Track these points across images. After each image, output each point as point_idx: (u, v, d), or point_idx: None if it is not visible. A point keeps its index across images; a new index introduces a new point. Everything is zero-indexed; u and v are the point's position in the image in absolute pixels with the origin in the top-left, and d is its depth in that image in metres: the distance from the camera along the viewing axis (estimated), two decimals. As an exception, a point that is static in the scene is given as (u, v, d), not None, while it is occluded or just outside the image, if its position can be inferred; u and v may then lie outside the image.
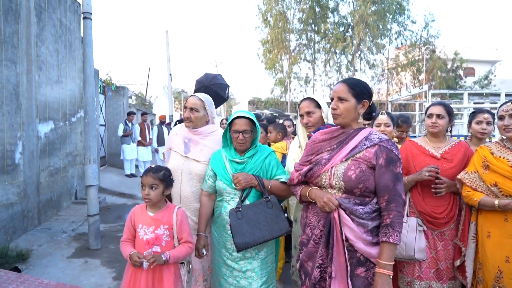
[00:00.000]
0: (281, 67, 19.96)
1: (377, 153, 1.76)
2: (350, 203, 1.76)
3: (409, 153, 2.52)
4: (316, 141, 1.94)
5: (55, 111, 5.67)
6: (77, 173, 6.74)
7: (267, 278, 2.18)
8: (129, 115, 9.74)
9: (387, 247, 1.69)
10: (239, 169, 2.21)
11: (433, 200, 2.37)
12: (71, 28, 6.44)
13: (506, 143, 2.32)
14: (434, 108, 2.50)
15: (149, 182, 2.06)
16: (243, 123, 2.17)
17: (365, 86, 1.87)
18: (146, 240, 2.05)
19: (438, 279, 2.36)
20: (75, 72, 6.59)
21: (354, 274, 1.76)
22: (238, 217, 2.11)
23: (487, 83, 20.76)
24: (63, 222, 5.31)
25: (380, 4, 18.29)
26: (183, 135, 2.47)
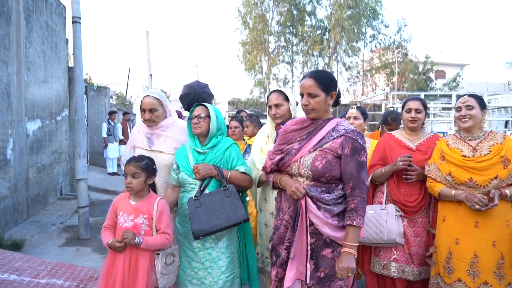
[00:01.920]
0: (261, 68, 20.38)
1: (343, 143, 1.83)
2: (317, 192, 1.84)
3: (387, 145, 2.65)
4: (287, 130, 2.00)
5: (42, 110, 5.90)
6: (62, 170, 6.95)
7: (226, 268, 2.20)
8: (111, 114, 9.94)
9: (352, 230, 1.79)
10: (200, 160, 2.28)
11: (406, 189, 2.52)
12: (57, 30, 6.65)
13: (462, 134, 2.44)
14: (412, 103, 2.59)
15: (131, 171, 2.10)
16: (199, 109, 2.31)
17: (331, 78, 1.92)
18: (125, 227, 2.08)
19: (410, 263, 2.51)
20: (60, 72, 6.81)
21: (320, 255, 1.87)
22: (197, 205, 2.15)
23: (456, 85, 21.86)
24: (51, 216, 5.54)
25: (355, 9, 19.01)
26: (145, 131, 2.52)
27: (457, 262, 2.27)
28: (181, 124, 2.56)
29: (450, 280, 2.28)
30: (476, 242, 2.25)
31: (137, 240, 2.02)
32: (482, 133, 2.38)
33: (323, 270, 1.85)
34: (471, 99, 2.36)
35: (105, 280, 2.05)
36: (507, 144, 2.29)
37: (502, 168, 2.23)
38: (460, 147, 2.37)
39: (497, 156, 2.24)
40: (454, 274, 2.27)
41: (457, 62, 27.67)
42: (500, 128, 7.99)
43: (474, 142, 2.35)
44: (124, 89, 17.88)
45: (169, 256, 2.14)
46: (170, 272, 2.16)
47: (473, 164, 2.27)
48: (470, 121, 2.35)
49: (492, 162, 2.24)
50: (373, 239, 2.46)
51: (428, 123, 10.94)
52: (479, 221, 2.25)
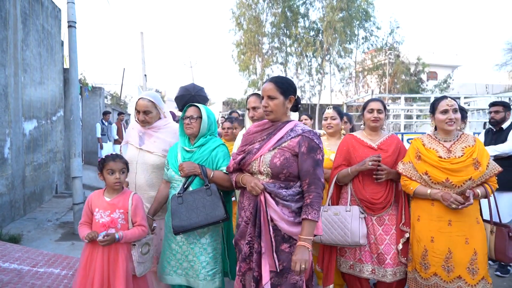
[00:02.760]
0: (255, 69, 20.60)
1: (300, 142, 1.94)
2: (275, 187, 1.93)
3: (350, 146, 2.69)
4: (250, 133, 2.13)
5: (38, 110, 6.08)
6: (57, 169, 7.13)
7: (207, 264, 2.27)
8: (105, 115, 10.12)
9: (307, 224, 1.87)
10: (187, 158, 2.35)
11: (372, 187, 2.56)
12: (52, 32, 6.83)
13: (437, 135, 2.50)
14: (374, 104, 2.65)
15: (119, 167, 2.20)
16: (191, 109, 2.38)
17: (290, 83, 2.04)
18: (102, 223, 2.16)
19: (380, 264, 2.52)
20: (55, 74, 6.99)
21: (279, 250, 1.95)
22: (179, 202, 2.22)
23: (446, 86, 22.22)
24: (46, 213, 5.73)
25: (347, 11, 19.29)
26: (138, 129, 2.62)
27: (433, 258, 2.36)
28: (173, 127, 2.64)
29: (426, 275, 2.37)
30: (450, 239, 2.34)
31: (117, 236, 2.12)
32: (455, 135, 2.46)
33: (281, 263, 1.94)
34: (455, 103, 2.41)
35: (84, 272, 2.13)
36: (478, 147, 2.38)
37: (473, 169, 2.32)
38: (435, 148, 2.43)
39: (470, 158, 2.32)
40: (430, 269, 2.36)
41: (448, 64, 28.00)
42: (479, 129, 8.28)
43: (448, 144, 2.42)
44: (119, 89, 18.04)
45: (144, 245, 2.25)
46: (146, 260, 2.27)
47: (449, 165, 2.34)
48: (455, 124, 2.39)
49: (465, 164, 2.32)
50: (338, 241, 2.50)
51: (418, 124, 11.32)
52: (452, 220, 2.34)
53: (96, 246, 2.13)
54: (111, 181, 2.19)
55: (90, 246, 2.15)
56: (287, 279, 1.94)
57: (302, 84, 20.94)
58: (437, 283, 2.34)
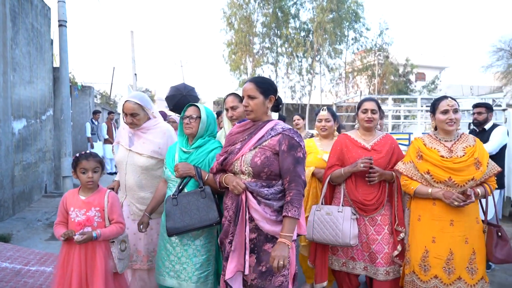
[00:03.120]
0: (245, 69, 20.65)
1: (280, 140, 1.95)
2: (257, 186, 1.94)
3: (343, 146, 2.69)
4: (232, 133, 2.14)
5: (28, 109, 6.04)
6: (46, 168, 7.08)
7: (201, 266, 2.27)
8: (94, 114, 10.07)
9: (287, 221, 1.86)
10: (184, 159, 2.34)
11: (364, 188, 2.57)
12: (42, 31, 6.78)
13: (438, 135, 2.48)
14: (368, 104, 2.63)
15: (92, 165, 2.18)
16: (191, 109, 2.37)
17: (270, 83, 2.06)
18: (78, 221, 2.15)
19: (372, 262, 2.55)
20: (45, 72, 6.93)
21: (262, 250, 1.95)
22: (174, 203, 2.22)
23: (434, 87, 22.59)
24: (36, 213, 5.70)
25: (337, 12, 19.47)
26: (128, 129, 2.60)
27: (434, 260, 2.31)
28: (163, 127, 2.63)
29: (426, 277, 2.32)
30: (452, 239, 2.31)
31: (94, 235, 2.11)
32: (456, 135, 2.45)
33: (265, 265, 1.92)
34: (456, 102, 2.40)
35: (62, 271, 2.12)
36: (478, 147, 2.39)
37: (475, 169, 2.32)
38: (436, 147, 2.41)
39: (471, 158, 2.33)
40: (430, 271, 2.31)
41: (436, 65, 28.49)
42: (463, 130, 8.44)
43: (449, 143, 2.41)
44: (108, 88, 17.91)
45: (122, 242, 2.25)
46: (125, 257, 2.28)
47: (451, 164, 2.33)
48: (455, 125, 2.39)
49: (467, 163, 2.32)
50: (329, 241, 2.53)
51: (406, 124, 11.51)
52: (454, 220, 2.32)
53: (73, 245, 2.11)
54: (84, 180, 2.18)
55: (67, 245, 2.13)
56: (271, 281, 1.92)
57: (293, 84, 21.06)
58: (436, 286, 2.31)
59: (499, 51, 20.33)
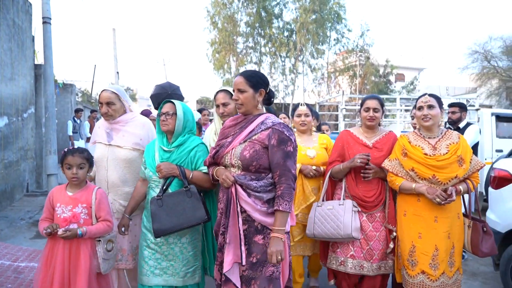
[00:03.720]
0: (229, 68, 20.71)
1: (270, 135, 1.96)
2: (246, 179, 1.95)
3: (345, 142, 2.70)
4: (225, 127, 2.16)
5: (9, 107, 5.95)
6: (28, 167, 6.97)
7: (188, 262, 2.28)
8: (77, 112, 9.92)
9: (279, 215, 1.89)
10: (165, 158, 2.29)
11: (364, 185, 2.58)
12: (23, 27, 6.67)
13: (422, 132, 2.51)
14: (370, 102, 2.62)
15: (77, 161, 2.14)
16: (167, 106, 2.33)
17: (260, 77, 2.06)
18: (64, 218, 2.10)
19: (368, 259, 2.54)
20: (26, 69, 6.83)
21: (252, 241, 1.96)
22: (159, 204, 2.18)
23: (413, 88, 23.22)
24: (18, 212, 5.63)
25: (320, 13, 19.77)
26: (105, 126, 2.56)
27: (420, 255, 2.35)
28: (141, 120, 2.60)
29: (413, 272, 2.36)
30: (437, 236, 2.35)
31: (79, 232, 2.06)
32: (440, 132, 2.48)
33: (255, 256, 1.94)
34: (432, 98, 2.44)
35: (45, 268, 2.08)
36: (462, 144, 2.41)
37: (458, 167, 2.35)
38: (421, 145, 2.44)
39: (454, 156, 2.35)
40: (417, 266, 2.35)
41: (415, 66, 29.26)
42: None
43: (433, 141, 2.44)
44: (89, 86, 17.63)
45: (108, 242, 2.20)
46: (110, 257, 2.23)
47: (434, 162, 2.35)
48: (431, 120, 2.41)
49: (450, 161, 2.34)
50: (331, 234, 2.51)
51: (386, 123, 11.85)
52: (438, 216, 2.36)
53: (58, 241, 2.07)
54: (68, 176, 2.15)
55: (51, 241, 2.10)
56: (262, 272, 1.94)
57: (276, 84, 21.22)
58: (423, 282, 2.34)
59: (474, 53, 21.08)
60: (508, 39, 17.85)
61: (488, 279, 3.62)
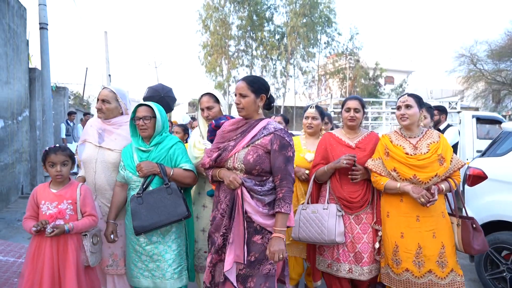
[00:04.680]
0: (221, 71, 20.91)
1: (272, 140, 2.03)
2: (252, 183, 2.03)
3: (328, 144, 2.69)
4: (225, 131, 2.19)
5: (5, 110, 6.04)
6: (23, 169, 7.05)
7: (173, 261, 2.28)
8: (70, 115, 10.00)
9: (280, 217, 1.98)
10: (144, 158, 2.29)
11: (349, 186, 2.57)
12: (18, 31, 6.77)
13: (403, 132, 2.53)
14: (351, 103, 2.64)
15: (61, 159, 2.18)
16: (143, 109, 2.29)
17: (262, 83, 2.12)
18: (49, 214, 2.13)
19: (357, 262, 2.51)
20: (21, 73, 6.92)
21: (251, 241, 2.03)
22: (139, 202, 2.19)
23: (402, 90, 23.67)
24: (14, 213, 5.73)
25: (310, 17, 20.11)
26: (97, 126, 2.51)
27: (404, 254, 2.38)
28: None
29: (398, 270, 2.40)
30: (419, 234, 2.37)
31: (66, 228, 2.11)
32: (420, 131, 2.50)
33: (254, 255, 2.02)
34: (410, 98, 2.46)
35: (33, 264, 2.10)
36: (442, 143, 2.43)
37: (438, 165, 2.36)
38: (402, 144, 2.46)
39: (434, 155, 2.36)
40: (401, 265, 2.38)
41: (404, 69, 29.78)
42: None
43: (414, 140, 2.46)
44: (81, 89, 17.64)
45: (94, 236, 2.25)
46: (97, 251, 2.28)
47: (415, 162, 2.37)
48: (408, 120, 2.44)
49: (430, 160, 2.36)
50: (315, 239, 2.51)
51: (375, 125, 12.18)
52: (420, 215, 2.38)
53: (44, 238, 2.09)
54: (52, 174, 2.18)
55: (38, 238, 2.12)
56: (259, 270, 2.01)
57: (267, 87, 21.48)
58: (408, 279, 2.38)
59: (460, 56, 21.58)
60: (493, 43, 18.35)
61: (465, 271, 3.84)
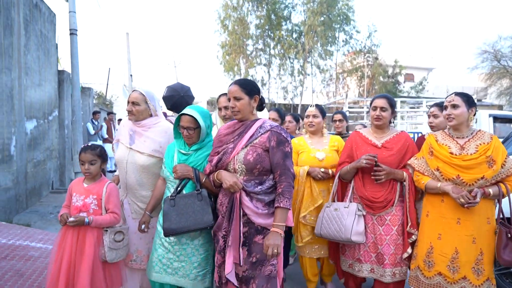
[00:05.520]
0: (239, 70, 21.14)
1: (269, 137, 2.05)
2: (252, 187, 2.03)
3: (353, 143, 2.68)
4: (221, 135, 2.20)
5: (37, 111, 6.46)
6: (53, 166, 7.49)
7: (199, 264, 2.29)
8: (95, 114, 10.45)
9: (279, 211, 1.98)
10: (182, 160, 2.33)
11: (372, 186, 2.53)
12: (48, 36, 7.19)
13: (451, 132, 2.44)
14: (378, 101, 2.59)
15: (89, 158, 2.32)
16: (187, 120, 2.28)
17: (253, 84, 2.15)
18: (76, 206, 2.29)
19: (379, 263, 2.48)
20: (51, 75, 7.35)
21: (253, 242, 2.03)
22: (171, 204, 2.24)
23: (422, 88, 23.32)
24: (46, 207, 6.13)
25: (328, 15, 20.08)
26: (129, 127, 2.58)
27: (438, 257, 2.30)
28: (164, 126, 2.60)
29: (430, 273, 2.31)
30: (458, 238, 2.27)
31: (86, 220, 2.24)
32: (470, 132, 2.39)
33: (255, 255, 2.02)
34: (457, 97, 2.36)
35: (57, 253, 2.27)
36: (493, 144, 2.30)
37: (487, 168, 2.25)
38: (448, 144, 2.38)
39: (483, 156, 2.26)
40: (434, 267, 2.30)
41: (424, 66, 29.24)
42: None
43: (462, 141, 2.37)
44: (103, 88, 18.25)
45: (118, 233, 2.32)
46: (120, 248, 2.33)
47: (460, 162, 2.29)
48: (454, 120, 2.34)
49: (477, 161, 2.25)
50: (334, 236, 2.52)
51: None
52: (461, 218, 2.28)
53: (68, 228, 2.24)
54: (82, 171, 2.36)
55: (63, 229, 2.28)
56: (260, 271, 2.01)
57: (285, 85, 21.59)
58: (440, 283, 2.29)
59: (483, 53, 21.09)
60: (518, 39, 17.82)
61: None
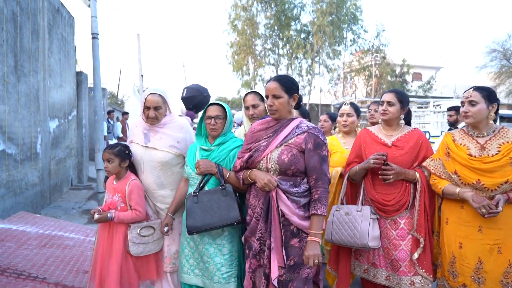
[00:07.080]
0: (248, 70, 21.40)
1: (306, 139, 1.95)
2: (287, 185, 1.95)
3: (362, 141, 2.50)
4: (254, 131, 2.12)
5: (59, 111, 6.78)
6: (72, 164, 7.82)
7: (222, 266, 2.20)
8: (109, 114, 10.79)
9: (316, 219, 1.90)
10: (205, 156, 2.28)
11: (383, 188, 2.35)
12: (68, 39, 7.51)
13: (470, 130, 2.23)
14: (385, 96, 2.45)
15: (106, 157, 2.38)
16: (215, 109, 2.26)
17: (293, 82, 2.03)
18: (106, 204, 2.43)
19: (394, 270, 2.30)
20: (70, 77, 7.68)
21: (289, 245, 1.96)
22: (194, 201, 2.17)
23: (430, 87, 23.32)
24: (68, 202, 6.45)
25: (336, 15, 20.22)
26: (142, 126, 2.50)
27: (461, 267, 2.14)
28: (180, 122, 2.56)
29: (455, 284, 2.17)
30: (480, 247, 2.09)
31: (109, 215, 2.33)
32: (491, 130, 2.17)
33: (293, 259, 1.95)
34: (475, 93, 2.15)
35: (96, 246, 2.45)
36: None
37: (511, 170, 2.04)
38: (467, 144, 2.18)
39: (506, 157, 2.04)
40: (458, 278, 2.15)
41: (432, 65, 29.17)
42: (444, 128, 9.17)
43: (483, 140, 2.16)
44: (114, 88, 18.64)
45: (145, 228, 2.36)
46: (145, 242, 2.36)
47: (480, 165, 2.08)
48: (471, 118, 2.15)
49: (500, 163, 2.04)
50: (347, 242, 2.35)
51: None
52: (483, 226, 2.09)
53: (104, 224, 2.38)
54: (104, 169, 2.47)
55: (101, 224, 2.42)
56: (299, 274, 1.96)
57: (293, 85, 21.75)
58: None
59: (492, 52, 21.06)
60: (527, 38, 17.78)
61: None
